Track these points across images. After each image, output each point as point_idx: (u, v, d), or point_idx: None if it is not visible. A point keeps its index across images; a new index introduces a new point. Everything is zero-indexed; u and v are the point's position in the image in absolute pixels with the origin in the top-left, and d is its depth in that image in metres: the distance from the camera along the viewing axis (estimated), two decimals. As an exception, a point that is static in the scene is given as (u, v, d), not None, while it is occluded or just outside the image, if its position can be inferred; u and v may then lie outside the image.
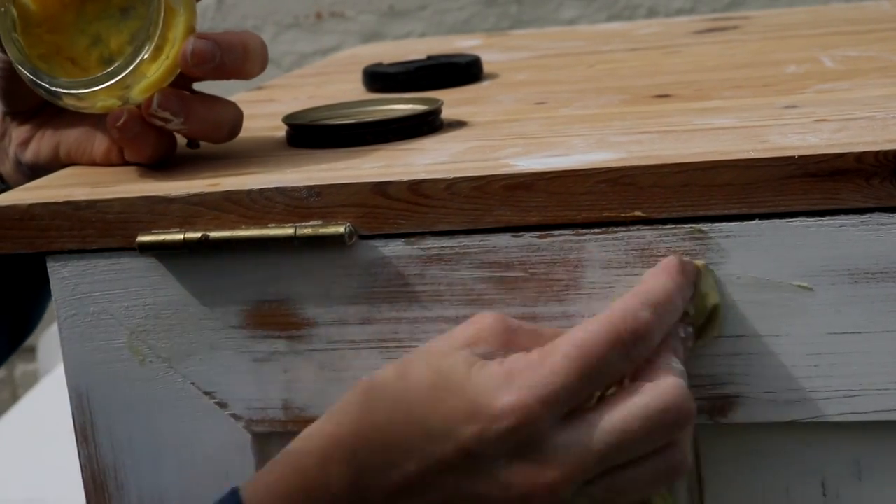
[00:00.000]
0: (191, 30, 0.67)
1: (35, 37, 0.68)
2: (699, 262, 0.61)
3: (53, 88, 0.67)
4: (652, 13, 1.82)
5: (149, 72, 0.67)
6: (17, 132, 0.75)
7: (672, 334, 0.60)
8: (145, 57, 0.66)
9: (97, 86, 0.66)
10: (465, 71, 0.91)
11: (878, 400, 0.61)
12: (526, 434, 0.57)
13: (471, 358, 0.59)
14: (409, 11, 1.87)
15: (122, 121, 0.68)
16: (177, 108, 0.67)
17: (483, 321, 0.60)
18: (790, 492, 0.64)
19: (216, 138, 0.70)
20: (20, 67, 0.67)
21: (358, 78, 0.94)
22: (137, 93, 0.67)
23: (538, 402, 0.56)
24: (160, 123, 0.68)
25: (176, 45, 0.67)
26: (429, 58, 0.94)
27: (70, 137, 0.73)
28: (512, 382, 0.57)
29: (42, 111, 0.74)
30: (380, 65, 0.93)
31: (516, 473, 0.57)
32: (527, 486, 0.57)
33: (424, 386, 0.59)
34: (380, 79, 0.91)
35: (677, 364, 0.59)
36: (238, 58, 0.68)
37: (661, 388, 0.57)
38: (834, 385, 0.61)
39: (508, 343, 0.60)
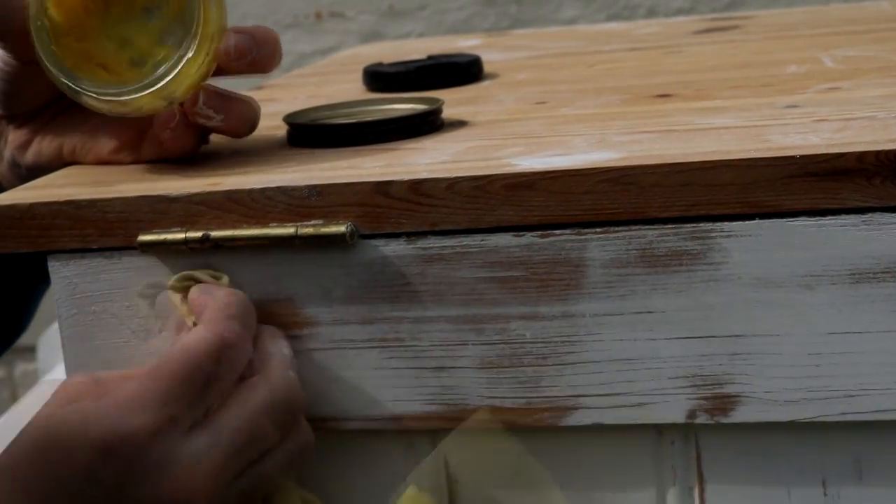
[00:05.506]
0: (224, 25, 0.67)
1: (64, 47, 0.67)
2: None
3: (100, 97, 0.66)
4: (652, 13, 1.82)
5: (192, 70, 0.67)
6: (15, 135, 0.74)
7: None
8: (189, 56, 0.66)
9: (146, 90, 0.66)
10: (465, 71, 0.91)
11: (879, 400, 0.61)
12: (159, 452, 0.58)
13: (65, 407, 0.59)
14: (409, 11, 1.87)
15: (174, 122, 0.68)
16: (219, 106, 0.68)
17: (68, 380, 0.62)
18: (791, 492, 0.64)
19: (242, 134, 0.71)
20: (61, 79, 0.67)
21: (358, 78, 0.94)
22: (182, 92, 0.67)
23: (163, 420, 0.58)
24: (202, 121, 0.68)
25: (214, 41, 0.67)
26: (429, 57, 0.94)
27: (74, 138, 0.73)
28: (123, 407, 0.58)
29: (41, 114, 0.74)
30: (380, 64, 0.93)
31: (166, 489, 0.58)
32: (180, 498, 0.58)
33: (37, 448, 0.58)
34: (380, 78, 0.91)
35: (287, 350, 0.64)
36: (269, 52, 0.68)
37: (276, 382, 0.62)
38: (835, 385, 0.61)
39: (99, 391, 0.61)
